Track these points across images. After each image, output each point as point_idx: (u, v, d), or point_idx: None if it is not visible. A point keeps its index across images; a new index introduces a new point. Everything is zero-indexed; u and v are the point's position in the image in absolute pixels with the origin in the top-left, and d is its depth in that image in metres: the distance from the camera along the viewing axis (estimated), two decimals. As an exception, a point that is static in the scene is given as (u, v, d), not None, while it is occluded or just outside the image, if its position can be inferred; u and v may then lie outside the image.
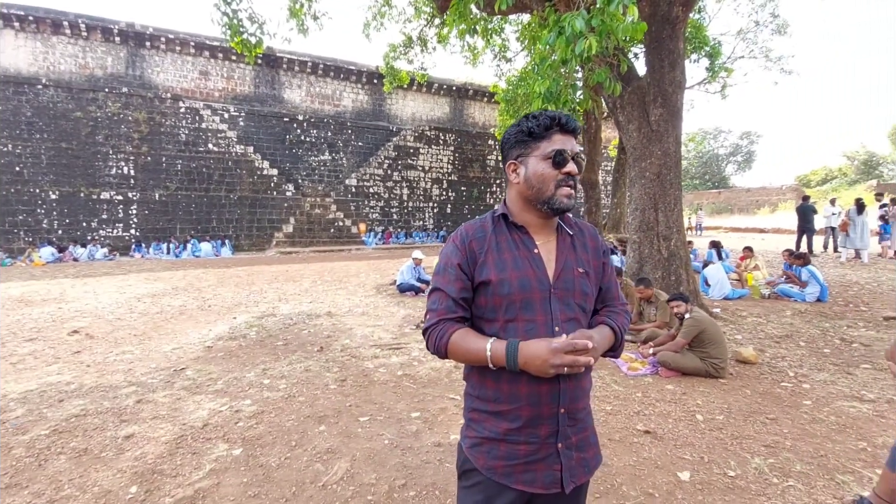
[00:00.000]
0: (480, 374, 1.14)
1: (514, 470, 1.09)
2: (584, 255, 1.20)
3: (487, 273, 1.11)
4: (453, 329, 1.11)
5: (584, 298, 1.16)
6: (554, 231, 1.20)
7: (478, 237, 1.16)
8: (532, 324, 1.09)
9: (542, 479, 1.09)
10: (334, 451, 2.82)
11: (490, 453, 1.11)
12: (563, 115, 1.13)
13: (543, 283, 1.11)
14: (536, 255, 1.14)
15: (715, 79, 13.98)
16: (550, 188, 1.12)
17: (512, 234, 1.17)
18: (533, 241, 1.16)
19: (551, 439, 1.09)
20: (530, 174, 1.14)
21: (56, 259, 15.31)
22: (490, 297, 1.11)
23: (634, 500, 2.35)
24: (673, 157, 6.03)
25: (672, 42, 5.93)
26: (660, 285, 5.84)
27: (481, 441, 1.13)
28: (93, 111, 17.56)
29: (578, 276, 1.15)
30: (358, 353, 4.89)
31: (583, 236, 1.24)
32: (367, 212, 22.50)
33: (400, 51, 12.08)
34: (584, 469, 1.13)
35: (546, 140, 1.13)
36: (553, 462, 1.09)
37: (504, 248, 1.14)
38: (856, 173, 36.82)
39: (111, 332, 5.90)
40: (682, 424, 3.18)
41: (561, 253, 1.17)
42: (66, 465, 2.72)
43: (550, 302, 1.10)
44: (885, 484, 1.08)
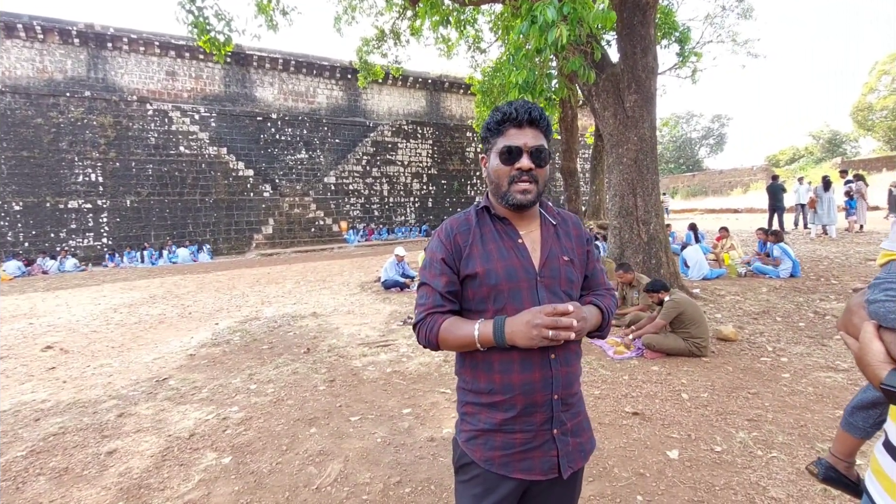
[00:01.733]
0: (473, 367, 1.14)
1: (512, 459, 1.09)
2: (567, 243, 1.20)
3: (474, 265, 1.11)
4: (441, 319, 1.11)
5: (570, 286, 1.16)
6: (537, 221, 1.21)
7: (462, 231, 1.16)
8: (520, 312, 1.09)
9: (539, 465, 1.10)
10: (327, 453, 2.79)
11: (486, 444, 1.11)
12: (518, 108, 1.11)
13: (530, 272, 1.12)
14: (521, 244, 1.15)
15: (685, 64, 14.20)
16: (504, 184, 1.12)
17: (496, 226, 1.17)
18: (517, 232, 1.16)
19: (546, 426, 1.09)
20: (490, 170, 1.16)
21: (23, 273, 14.72)
22: (478, 288, 1.11)
23: (626, 480, 2.39)
24: (649, 143, 6.11)
25: (643, 28, 5.99)
26: (641, 269, 5.93)
27: (477, 434, 1.13)
28: (54, 117, 16.86)
29: (563, 264, 1.16)
30: (346, 353, 4.84)
31: (566, 225, 1.24)
32: (347, 209, 22.26)
33: (373, 45, 11.90)
34: (580, 454, 1.14)
35: (501, 135, 1.13)
36: (549, 448, 1.10)
37: (489, 239, 1.15)
38: (821, 152, 38.06)
39: (87, 345, 5.71)
40: (669, 404, 3.25)
41: (545, 242, 1.17)
42: (47, 486, 2.63)
43: (537, 290, 1.11)
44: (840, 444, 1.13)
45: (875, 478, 0.90)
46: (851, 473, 1.14)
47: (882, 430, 0.92)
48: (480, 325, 1.06)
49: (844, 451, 1.14)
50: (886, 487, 0.85)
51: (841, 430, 1.12)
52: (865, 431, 1.10)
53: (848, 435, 1.12)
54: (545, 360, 1.08)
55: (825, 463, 1.16)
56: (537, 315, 0.98)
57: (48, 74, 17.32)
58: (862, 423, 1.10)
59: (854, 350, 0.83)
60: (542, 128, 1.14)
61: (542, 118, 1.13)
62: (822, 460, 1.17)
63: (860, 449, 1.36)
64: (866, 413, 1.09)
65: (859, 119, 32.67)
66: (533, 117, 1.11)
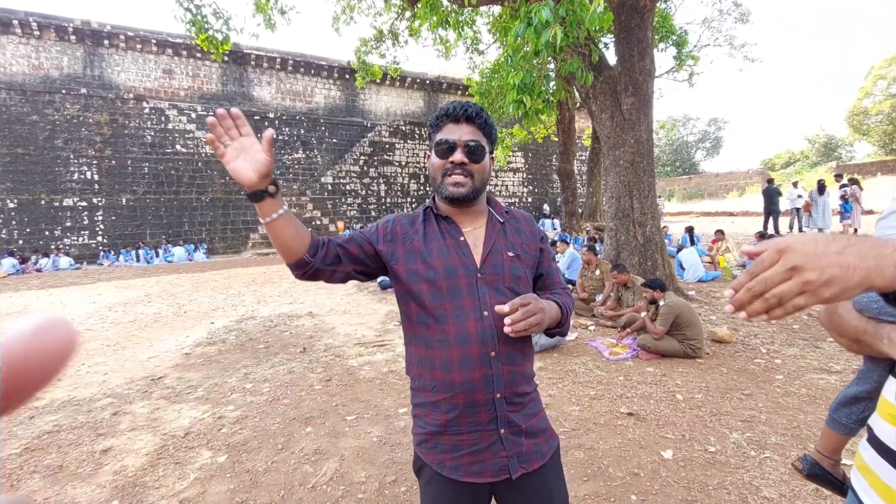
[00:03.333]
0: (419, 364, 1.12)
1: (462, 462, 1.08)
2: (515, 238, 1.19)
3: (415, 262, 1.12)
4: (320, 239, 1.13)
5: (515, 282, 1.13)
6: (483, 219, 1.20)
7: (404, 223, 1.18)
8: (460, 309, 1.08)
9: (490, 468, 1.07)
10: (322, 452, 2.80)
11: (436, 448, 1.10)
12: (456, 105, 1.13)
13: (470, 269, 1.11)
14: (462, 242, 1.14)
15: (682, 67, 14.28)
16: (439, 177, 1.13)
17: (439, 225, 1.17)
18: (459, 230, 1.16)
19: (492, 426, 1.07)
20: (429, 165, 1.17)
21: (18, 271, 14.63)
22: (418, 284, 1.10)
23: (621, 480, 2.40)
24: (645, 145, 6.14)
25: (641, 31, 6.02)
26: (637, 271, 5.97)
27: (427, 437, 1.11)
28: (50, 114, 16.76)
29: (508, 260, 1.14)
30: (342, 352, 4.84)
31: (516, 222, 1.23)
32: (344, 209, 22.21)
33: (371, 45, 11.90)
34: (536, 455, 1.11)
35: (439, 131, 1.14)
36: (498, 449, 1.07)
37: (431, 237, 1.15)
38: (817, 156, 38.33)
39: (82, 343, 5.68)
40: (664, 405, 3.27)
41: (489, 238, 1.16)
42: (41, 483, 2.62)
43: (478, 287, 1.09)
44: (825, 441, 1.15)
45: (860, 474, 0.91)
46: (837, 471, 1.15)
47: (867, 426, 0.93)
48: None
49: (829, 448, 1.16)
50: (871, 483, 0.86)
51: (826, 427, 1.14)
52: (849, 428, 1.11)
53: (832, 431, 1.14)
54: (485, 357, 1.05)
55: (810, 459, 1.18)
56: None
57: (44, 71, 17.22)
58: (846, 420, 1.12)
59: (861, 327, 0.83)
60: (480, 125, 1.14)
61: (479, 115, 1.13)
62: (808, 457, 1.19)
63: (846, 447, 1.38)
64: (849, 409, 1.11)
65: (855, 123, 32.91)
66: (469, 114, 1.12)
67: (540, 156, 27.57)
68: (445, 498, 1.10)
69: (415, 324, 1.13)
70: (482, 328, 1.07)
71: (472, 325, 1.07)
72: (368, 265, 1.17)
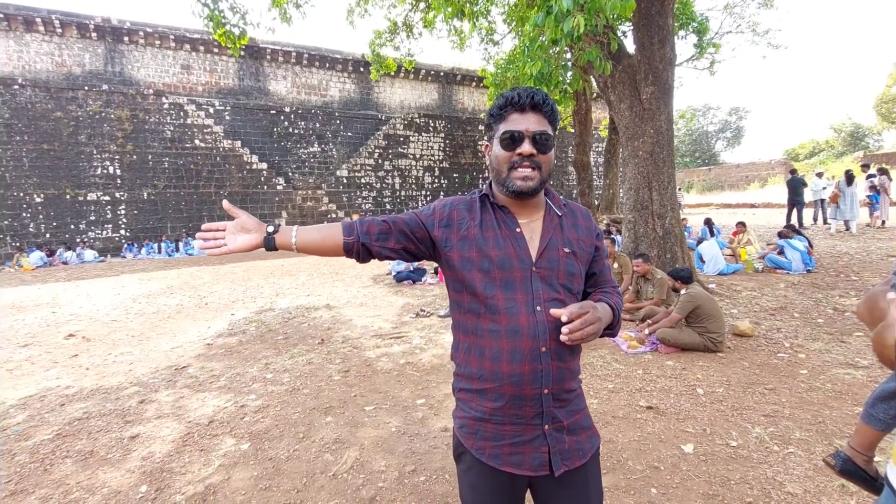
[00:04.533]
0: (466, 352, 1.12)
1: (502, 451, 1.07)
2: (572, 234, 1.16)
3: (469, 249, 1.09)
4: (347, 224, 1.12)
5: (569, 279, 1.11)
6: (541, 211, 1.17)
7: (461, 209, 1.15)
8: (513, 302, 1.06)
9: (529, 461, 1.07)
10: (342, 441, 2.84)
11: (478, 434, 1.10)
12: (521, 93, 1.08)
13: (525, 262, 1.08)
14: (518, 233, 1.11)
15: (703, 55, 13.92)
16: (505, 170, 1.09)
17: (496, 214, 1.14)
18: (515, 221, 1.13)
19: (537, 420, 1.07)
20: (493, 156, 1.13)
21: (45, 263, 15.09)
22: (471, 272, 1.08)
23: (641, 473, 2.39)
24: (665, 136, 6.02)
25: (661, 18, 5.88)
26: (656, 263, 5.87)
27: (469, 421, 1.11)
28: (73, 110, 17.17)
29: (564, 256, 1.11)
30: (359, 344, 4.90)
31: (574, 216, 1.20)
32: (359, 202, 22.34)
33: (385, 37, 11.86)
34: (578, 453, 1.10)
35: (503, 121, 1.10)
36: (540, 444, 1.07)
37: (487, 226, 1.12)
38: (843, 145, 37.10)
39: (108, 334, 5.86)
40: (684, 398, 3.23)
41: (546, 232, 1.13)
42: (73, 468, 2.72)
43: (532, 281, 1.07)
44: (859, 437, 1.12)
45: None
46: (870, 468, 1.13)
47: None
48: None
49: (864, 444, 1.13)
50: None
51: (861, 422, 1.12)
52: (886, 423, 1.09)
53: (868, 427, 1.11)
54: (536, 352, 1.04)
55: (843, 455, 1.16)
56: None
57: (67, 68, 17.61)
58: (883, 415, 1.09)
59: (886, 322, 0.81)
60: (546, 113, 1.10)
61: (545, 103, 1.09)
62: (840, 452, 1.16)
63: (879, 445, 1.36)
64: (887, 404, 1.08)
65: (883, 111, 31.73)
66: (536, 101, 1.08)
67: (556, 147, 27.20)
68: (485, 485, 1.10)
69: (465, 311, 1.12)
70: (534, 323, 1.05)
71: (524, 318, 1.05)
72: (418, 247, 1.15)
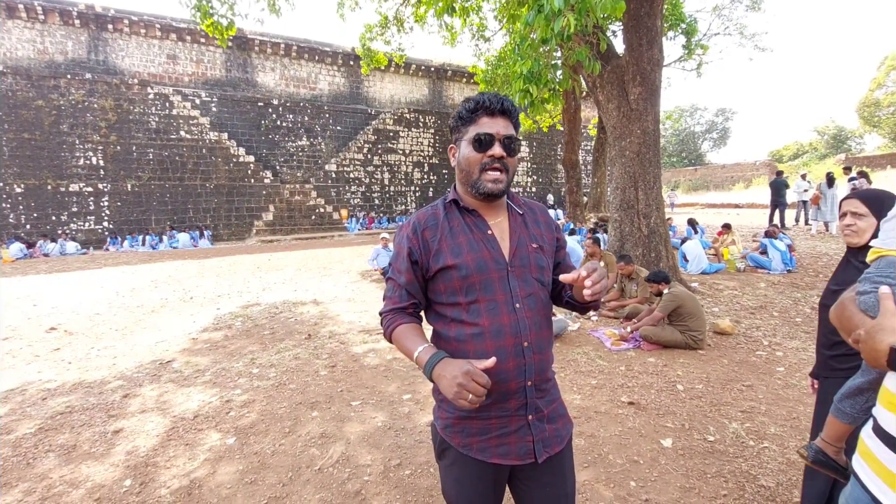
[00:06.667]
0: (450, 356, 1.15)
1: (489, 444, 1.13)
2: (536, 230, 1.22)
3: (444, 259, 1.13)
4: (399, 322, 1.16)
5: (540, 272, 1.18)
6: (504, 211, 1.22)
7: (430, 225, 1.18)
8: (493, 303, 1.11)
9: (515, 450, 1.13)
10: (328, 436, 2.86)
11: (464, 431, 1.15)
12: (491, 98, 1.13)
13: (500, 263, 1.13)
14: (490, 236, 1.16)
15: (691, 56, 14.09)
16: (476, 172, 1.13)
17: (465, 218, 1.18)
18: (486, 223, 1.18)
19: (521, 412, 1.13)
20: (461, 158, 1.16)
21: (25, 255, 14.75)
22: (449, 281, 1.13)
23: (620, 467, 2.45)
24: (652, 136, 6.10)
25: (650, 20, 5.94)
26: (640, 262, 5.97)
27: (454, 421, 1.16)
28: (55, 99, 16.76)
29: (533, 252, 1.18)
30: (346, 339, 4.90)
31: (533, 213, 1.26)
32: (348, 197, 22.22)
33: (376, 31, 11.78)
34: (556, 439, 1.17)
35: (473, 124, 1.14)
36: (525, 434, 1.13)
37: (458, 232, 1.16)
38: (826, 148, 37.89)
39: (91, 327, 5.78)
40: (664, 395, 3.31)
41: (514, 231, 1.19)
42: (56, 462, 2.70)
43: (509, 280, 1.13)
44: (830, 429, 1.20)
45: (863, 459, 0.95)
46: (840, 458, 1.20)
47: (870, 415, 0.97)
48: (422, 350, 1.06)
49: (834, 437, 1.21)
50: (875, 469, 0.91)
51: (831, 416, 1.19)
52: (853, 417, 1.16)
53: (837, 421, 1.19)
54: (518, 347, 1.10)
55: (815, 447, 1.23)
56: (467, 377, 0.94)
57: (49, 56, 17.18)
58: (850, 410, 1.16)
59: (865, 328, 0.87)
60: (513, 119, 1.16)
61: (513, 109, 1.15)
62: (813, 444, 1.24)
63: None
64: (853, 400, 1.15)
65: (865, 115, 32.47)
66: (505, 107, 1.13)
67: (545, 145, 27.39)
68: (469, 478, 1.16)
69: (447, 319, 1.16)
70: (515, 320, 1.10)
71: (505, 318, 1.10)
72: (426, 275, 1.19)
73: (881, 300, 0.87)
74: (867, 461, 0.95)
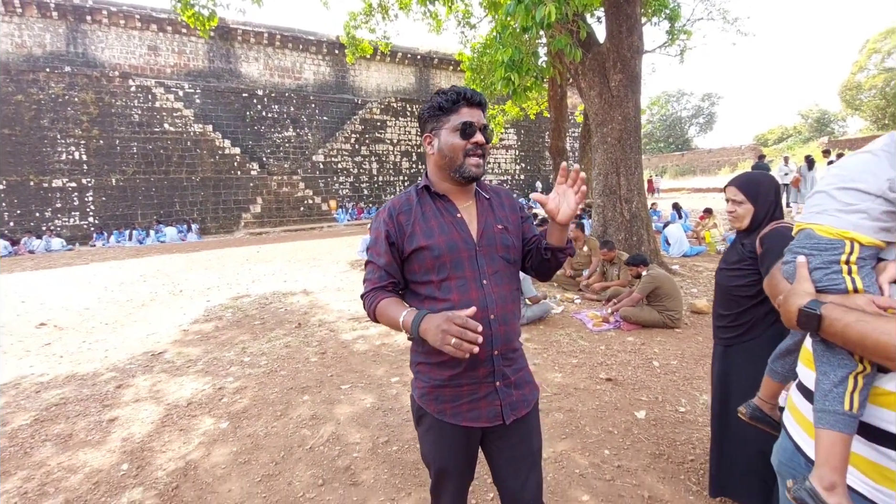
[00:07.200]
0: None
1: (461, 409, 1.26)
2: (501, 213, 1.34)
3: (417, 241, 1.24)
4: (381, 297, 1.24)
5: (506, 251, 1.29)
6: (472, 196, 1.34)
7: (404, 210, 1.28)
8: (463, 280, 1.22)
9: (486, 414, 1.25)
10: (319, 418, 2.97)
11: (438, 399, 1.27)
12: (469, 90, 1.25)
13: (469, 244, 1.24)
14: (460, 219, 1.28)
15: (674, 42, 14.14)
16: (460, 157, 1.24)
17: (436, 203, 1.30)
18: (455, 207, 1.29)
19: (489, 379, 1.25)
20: (443, 145, 1.26)
21: (10, 252, 14.57)
22: (423, 261, 1.24)
23: (596, 437, 2.60)
24: (633, 122, 6.22)
25: (629, 7, 6.02)
26: (623, 246, 6.13)
27: (429, 389, 1.28)
28: (35, 93, 16.41)
29: (498, 232, 1.29)
30: (336, 327, 5.00)
31: (499, 198, 1.39)
32: (336, 188, 22.14)
33: (361, 19, 11.69)
34: (523, 403, 1.30)
35: (455, 113, 1.25)
36: (493, 399, 1.25)
37: (430, 216, 1.27)
38: (809, 131, 38.39)
39: (81, 322, 5.81)
40: (641, 370, 3.47)
41: (481, 214, 1.30)
42: (53, 450, 2.78)
43: (477, 259, 1.24)
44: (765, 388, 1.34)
45: (789, 412, 1.08)
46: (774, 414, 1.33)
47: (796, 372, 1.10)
48: (406, 313, 1.16)
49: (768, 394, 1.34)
50: (797, 419, 1.03)
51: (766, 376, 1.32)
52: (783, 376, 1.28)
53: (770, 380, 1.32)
54: (486, 320, 1.21)
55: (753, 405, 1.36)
56: (448, 322, 1.03)
57: (27, 49, 16.79)
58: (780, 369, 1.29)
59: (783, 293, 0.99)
60: (485, 110, 1.30)
61: (485, 101, 1.29)
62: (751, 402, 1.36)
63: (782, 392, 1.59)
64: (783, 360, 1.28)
65: (847, 98, 32.86)
66: (481, 100, 1.27)
67: (532, 133, 27.43)
68: (444, 441, 1.30)
69: (421, 296, 1.27)
70: (483, 295, 1.23)
71: (474, 293, 1.22)
72: None
73: (797, 268, 0.99)
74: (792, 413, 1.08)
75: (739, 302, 1.81)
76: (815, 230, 1.00)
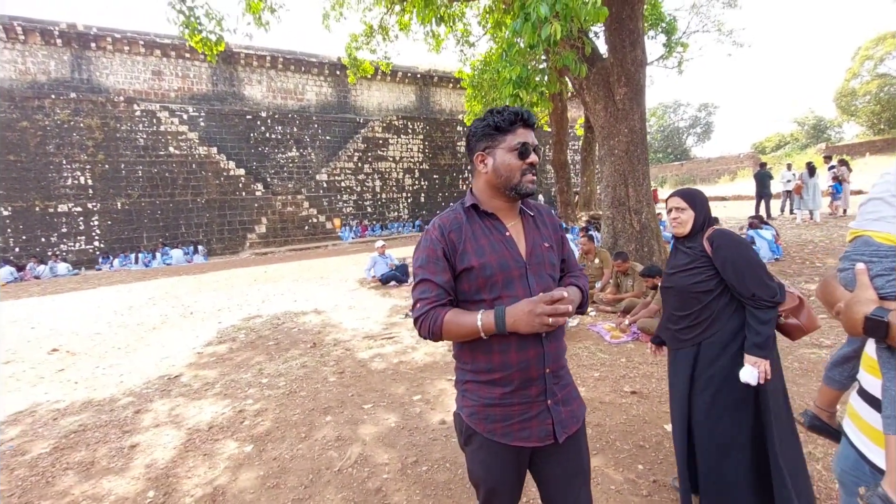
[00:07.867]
0: (472, 350, 1.27)
1: (511, 429, 1.24)
2: (545, 231, 1.36)
3: (469, 260, 1.24)
4: (443, 312, 1.21)
5: (552, 269, 1.32)
6: (518, 214, 1.36)
7: (455, 228, 1.29)
8: (514, 298, 1.22)
9: (536, 433, 1.24)
10: (344, 439, 2.94)
11: (488, 418, 1.25)
12: (525, 112, 1.27)
13: (519, 262, 1.25)
14: (509, 237, 1.29)
15: (672, 54, 14.39)
16: (517, 176, 1.27)
17: (484, 221, 1.31)
18: (504, 226, 1.31)
19: (541, 397, 1.24)
20: (498, 164, 1.28)
21: (16, 279, 14.60)
22: (473, 280, 1.24)
23: (628, 452, 2.56)
24: (639, 134, 6.27)
25: (632, 22, 6.13)
26: (634, 257, 6.12)
27: (478, 409, 1.27)
28: (40, 119, 16.63)
29: (545, 251, 1.31)
30: (351, 346, 4.97)
31: (541, 216, 1.40)
32: (340, 206, 22.25)
33: (362, 41, 11.91)
34: (573, 419, 1.29)
35: (511, 133, 1.27)
36: (545, 417, 1.24)
37: (479, 234, 1.28)
38: (806, 138, 38.69)
39: (93, 347, 5.78)
40: (665, 383, 3.41)
41: (528, 233, 1.32)
42: (76, 478, 2.74)
43: (528, 277, 1.25)
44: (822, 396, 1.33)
45: (851, 420, 1.07)
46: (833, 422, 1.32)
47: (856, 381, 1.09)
48: (482, 315, 1.16)
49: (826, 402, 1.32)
50: (860, 427, 1.02)
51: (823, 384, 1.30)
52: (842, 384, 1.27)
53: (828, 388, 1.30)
54: (537, 338, 1.21)
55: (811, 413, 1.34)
56: (538, 304, 1.09)
57: (31, 76, 17.06)
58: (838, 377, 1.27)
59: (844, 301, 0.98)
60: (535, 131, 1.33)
61: (536, 123, 1.33)
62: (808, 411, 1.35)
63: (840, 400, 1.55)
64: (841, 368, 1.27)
65: (842, 105, 33.20)
66: (533, 120, 1.30)
67: (533, 146, 27.58)
68: (495, 461, 1.27)
69: None
70: None
71: None
72: None
73: (857, 275, 0.98)
74: (854, 421, 1.06)
75: (700, 298, 1.87)
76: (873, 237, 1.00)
